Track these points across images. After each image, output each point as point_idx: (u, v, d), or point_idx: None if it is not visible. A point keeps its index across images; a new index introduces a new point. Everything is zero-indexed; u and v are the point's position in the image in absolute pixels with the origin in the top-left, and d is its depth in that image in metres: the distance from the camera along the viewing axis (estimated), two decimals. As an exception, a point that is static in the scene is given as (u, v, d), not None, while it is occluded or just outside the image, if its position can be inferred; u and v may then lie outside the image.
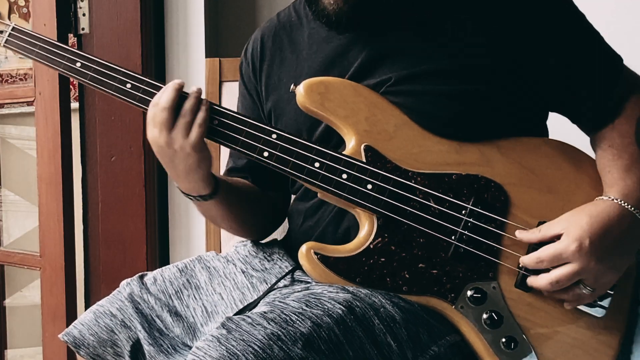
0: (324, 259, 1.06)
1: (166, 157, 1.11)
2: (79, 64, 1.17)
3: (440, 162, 1.09)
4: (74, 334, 1.17)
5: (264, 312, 0.96)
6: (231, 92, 1.45)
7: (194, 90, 1.10)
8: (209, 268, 1.24)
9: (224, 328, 0.93)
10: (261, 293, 1.17)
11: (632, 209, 1.05)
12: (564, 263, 1.02)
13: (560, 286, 1.03)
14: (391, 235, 1.07)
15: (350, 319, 0.97)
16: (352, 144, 1.09)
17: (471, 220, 1.07)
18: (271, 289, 1.16)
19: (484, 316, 1.06)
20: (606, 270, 1.03)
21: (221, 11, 2.12)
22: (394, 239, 1.07)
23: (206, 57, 1.90)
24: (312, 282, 1.12)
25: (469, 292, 1.06)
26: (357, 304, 1.00)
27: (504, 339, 1.05)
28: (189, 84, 1.10)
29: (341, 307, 0.98)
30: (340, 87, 1.11)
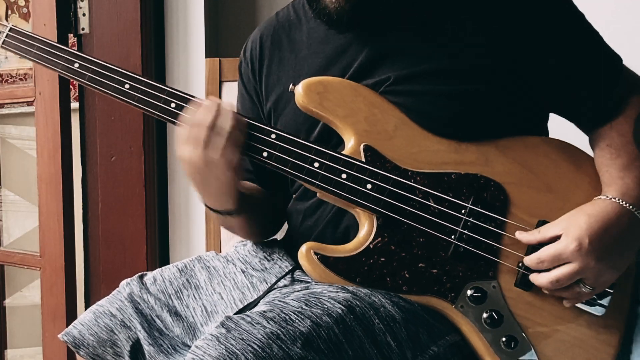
0: (324, 259, 1.06)
1: (199, 176, 1.09)
2: (77, 64, 1.17)
3: (439, 162, 1.09)
4: (73, 334, 1.17)
5: (264, 312, 0.96)
6: (231, 92, 1.45)
7: (226, 107, 1.09)
8: (208, 268, 1.24)
9: (223, 327, 0.93)
10: (261, 293, 1.17)
11: (631, 207, 1.05)
12: (564, 263, 1.02)
13: (561, 285, 1.03)
14: (391, 235, 1.07)
15: (350, 318, 0.97)
16: (351, 144, 1.09)
17: (471, 219, 1.07)
18: (271, 288, 1.16)
19: (484, 315, 1.06)
20: (606, 269, 1.03)
21: (221, 11, 2.12)
22: (393, 239, 1.07)
23: (206, 57, 1.89)
24: (311, 282, 1.12)
25: (469, 292, 1.07)
26: (356, 303, 1.00)
27: (504, 338, 1.06)
28: (189, 84, 1.10)
29: (341, 306, 0.98)
30: (339, 86, 1.11)
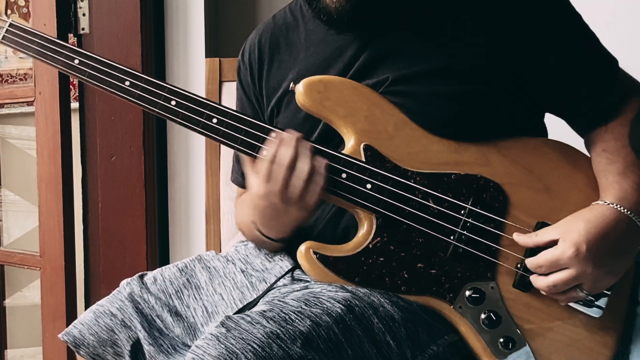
0: (323, 259, 1.06)
1: (273, 212, 1.07)
2: (77, 60, 1.16)
3: (439, 162, 1.09)
4: (74, 333, 1.17)
5: (263, 311, 0.96)
6: (231, 92, 1.44)
7: (306, 146, 1.05)
8: (209, 268, 1.24)
9: (223, 327, 0.93)
10: (260, 292, 1.17)
11: (629, 212, 1.04)
12: (562, 268, 1.02)
13: (558, 290, 1.04)
14: (390, 235, 1.07)
15: (349, 318, 0.97)
16: (351, 143, 1.09)
17: (470, 220, 1.07)
18: (270, 288, 1.17)
19: (482, 316, 1.06)
20: (603, 275, 1.03)
21: (221, 11, 2.12)
22: (393, 239, 1.07)
23: (206, 57, 1.89)
24: (311, 281, 1.11)
25: (468, 292, 1.07)
26: (356, 303, 1.00)
27: (501, 339, 1.06)
28: (189, 84, 1.09)
29: (340, 306, 0.98)
30: (340, 85, 1.10)
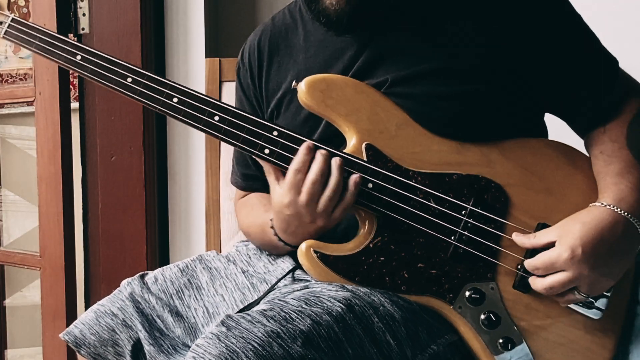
0: (324, 258, 1.06)
1: (298, 221, 1.06)
2: (79, 56, 1.15)
3: (441, 162, 1.08)
4: (74, 333, 1.17)
5: (264, 310, 0.96)
6: (231, 92, 1.44)
7: (337, 164, 1.04)
8: (210, 269, 1.24)
9: (223, 326, 0.93)
10: (261, 293, 1.17)
11: (626, 214, 1.04)
12: (559, 270, 1.02)
13: (555, 292, 1.03)
14: (391, 235, 1.07)
15: (349, 317, 0.97)
16: (353, 142, 1.09)
17: (471, 220, 1.07)
18: (271, 289, 1.16)
19: (482, 317, 1.06)
20: (600, 277, 1.03)
21: (221, 11, 2.12)
22: (393, 239, 1.07)
23: (206, 57, 1.89)
24: (311, 281, 1.11)
25: (468, 293, 1.07)
26: (356, 302, 1.00)
27: (501, 340, 1.06)
28: (189, 84, 1.09)
29: (340, 305, 0.98)
30: (342, 84, 1.10)
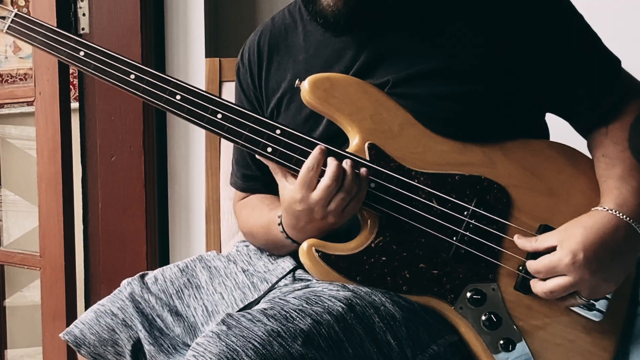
0: (325, 257, 1.05)
1: (307, 217, 1.06)
2: (82, 52, 1.15)
3: (443, 162, 1.08)
4: (74, 333, 1.17)
5: (264, 309, 0.96)
6: (231, 92, 1.44)
7: (349, 164, 1.04)
8: (209, 268, 1.24)
9: (224, 324, 0.93)
10: (262, 292, 1.17)
11: (628, 219, 1.04)
12: (560, 275, 1.02)
13: (555, 296, 1.03)
14: (393, 235, 1.07)
15: (350, 316, 0.97)
16: (355, 142, 1.08)
17: (473, 221, 1.07)
18: (272, 288, 1.16)
19: (483, 317, 1.06)
20: (601, 282, 1.03)
21: (221, 11, 2.12)
22: (395, 238, 1.07)
23: (206, 57, 1.89)
24: (312, 280, 1.11)
25: (469, 294, 1.07)
26: (357, 302, 1.00)
27: (501, 341, 1.06)
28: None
29: (341, 304, 0.98)
30: (345, 83, 1.10)
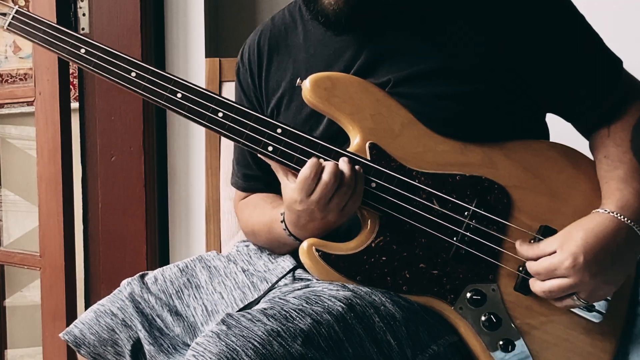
0: (325, 256, 1.05)
1: (308, 217, 1.06)
2: (83, 50, 1.15)
3: (444, 163, 1.08)
4: (74, 333, 1.17)
5: (264, 309, 0.96)
6: (231, 92, 1.44)
7: (346, 160, 1.04)
8: (209, 267, 1.24)
9: (223, 324, 0.93)
10: (262, 292, 1.17)
11: (629, 221, 1.03)
12: (560, 277, 1.01)
13: (553, 296, 1.03)
14: (393, 235, 1.07)
15: (350, 316, 0.97)
16: (356, 141, 1.08)
17: (473, 222, 1.07)
18: (272, 287, 1.16)
19: (483, 318, 1.06)
20: (601, 285, 1.02)
21: (221, 11, 2.12)
22: (395, 238, 1.07)
23: (206, 57, 1.89)
24: (312, 280, 1.12)
25: (469, 294, 1.06)
26: (357, 301, 1.00)
27: (501, 342, 1.05)
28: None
29: (341, 304, 0.98)
30: (346, 82, 1.10)
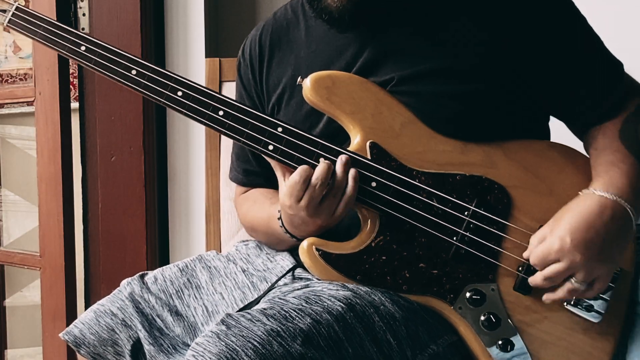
0: (325, 256, 1.05)
1: (299, 220, 1.07)
2: (83, 47, 1.14)
3: (444, 162, 1.08)
4: (74, 332, 1.17)
5: (264, 309, 0.96)
6: (231, 92, 1.44)
7: (343, 161, 1.05)
8: (209, 268, 1.24)
9: (223, 324, 0.93)
10: (262, 292, 1.17)
11: (615, 197, 1.04)
12: (554, 262, 1.02)
13: (553, 282, 1.03)
14: (393, 234, 1.07)
15: (350, 316, 0.97)
16: (357, 140, 1.08)
17: (473, 221, 1.07)
18: (271, 287, 1.16)
19: (482, 318, 1.06)
20: (595, 263, 1.02)
21: (221, 11, 2.12)
22: (395, 238, 1.07)
23: (206, 57, 1.89)
24: (312, 280, 1.11)
25: (468, 294, 1.07)
26: (357, 301, 1.00)
27: (500, 341, 1.06)
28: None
29: (341, 304, 0.98)
30: (347, 81, 1.10)
